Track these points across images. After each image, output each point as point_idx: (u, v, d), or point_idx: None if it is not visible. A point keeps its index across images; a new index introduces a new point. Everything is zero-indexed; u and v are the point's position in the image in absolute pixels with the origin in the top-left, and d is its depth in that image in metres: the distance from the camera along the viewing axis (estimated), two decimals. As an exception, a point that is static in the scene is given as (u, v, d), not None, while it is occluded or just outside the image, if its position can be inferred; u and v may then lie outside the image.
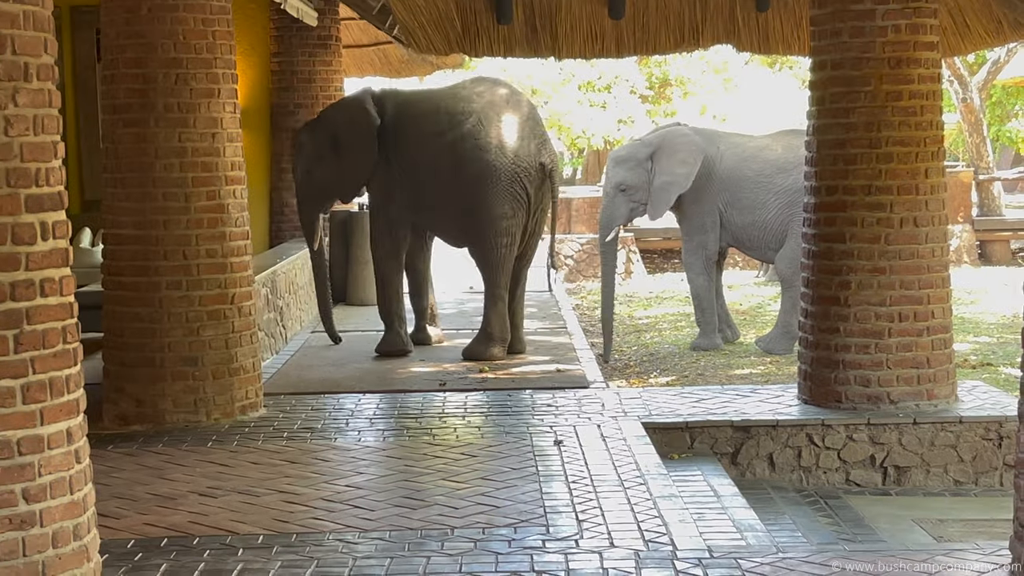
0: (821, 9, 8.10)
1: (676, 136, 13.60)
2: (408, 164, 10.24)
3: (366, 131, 10.23)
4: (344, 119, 10.40)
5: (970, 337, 14.23)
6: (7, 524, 4.11)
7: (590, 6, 10.03)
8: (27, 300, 4.17)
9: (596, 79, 35.05)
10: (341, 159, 10.37)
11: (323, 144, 10.42)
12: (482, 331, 10.29)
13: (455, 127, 10.14)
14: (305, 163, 10.54)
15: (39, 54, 4.24)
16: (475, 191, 10.04)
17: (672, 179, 13.28)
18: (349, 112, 10.42)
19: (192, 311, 7.80)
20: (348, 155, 10.33)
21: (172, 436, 7.61)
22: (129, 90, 7.75)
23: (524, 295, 10.69)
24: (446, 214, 10.35)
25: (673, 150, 13.37)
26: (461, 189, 10.10)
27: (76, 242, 11.41)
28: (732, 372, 12.40)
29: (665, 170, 13.33)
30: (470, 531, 5.66)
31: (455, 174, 10.11)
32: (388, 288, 10.44)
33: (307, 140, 10.54)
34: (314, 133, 10.51)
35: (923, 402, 8.02)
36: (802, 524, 6.91)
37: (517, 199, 10.15)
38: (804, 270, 8.38)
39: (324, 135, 10.42)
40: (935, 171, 8.06)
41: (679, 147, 13.36)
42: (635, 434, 7.46)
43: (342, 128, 10.37)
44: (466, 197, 10.08)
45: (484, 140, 10.07)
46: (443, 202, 10.27)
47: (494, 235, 10.13)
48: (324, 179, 10.50)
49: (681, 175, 13.23)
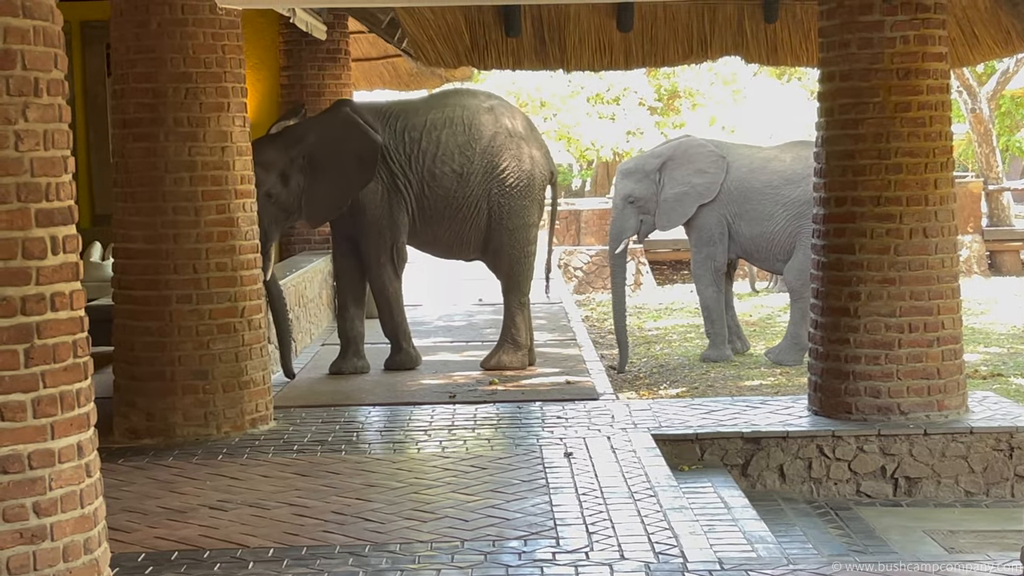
0: (829, 20, 8.11)
1: (691, 146, 13.58)
2: (422, 179, 10.00)
3: (367, 151, 9.69)
4: (331, 138, 9.73)
5: (980, 348, 14.21)
6: (18, 538, 4.12)
7: (598, 19, 10.06)
8: (38, 314, 4.18)
9: (605, 91, 35.06)
10: (322, 180, 9.65)
11: (295, 162, 9.63)
12: (509, 340, 10.27)
13: (480, 138, 10.02)
14: (272, 181, 9.50)
15: (49, 69, 4.26)
16: (510, 200, 10.07)
17: (687, 189, 13.27)
18: (338, 131, 9.76)
19: (202, 324, 7.81)
20: (334, 176, 9.67)
21: (182, 449, 7.62)
22: (139, 104, 7.77)
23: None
24: (466, 226, 10.13)
25: (688, 160, 13.36)
26: (492, 199, 10.02)
27: (86, 256, 11.44)
28: (742, 383, 12.39)
29: (679, 180, 13.32)
30: (480, 544, 5.66)
31: (486, 184, 10.02)
32: (397, 308, 10.23)
33: (276, 158, 9.55)
34: (287, 150, 9.62)
35: (934, 413, 8.01)
36: (813, 536, 6.90)
37: (542, 207, 10.37)
38: (813, 281, 8.38)
39: (298, 151, 9.64)
40: (944, 182, 8.05)
41: (695, 157, 13.34)
42: (645, 446, 7.45)
43: (327, 147, 9.68)
44: (499, 207, 10.06)
45: (517, 150, 10.07)
46: (464, 215, 10.07)
47: (526, 243, 10.22)
48: (291, 200, 9.67)
49: (700, 184, 13.21)
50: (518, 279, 10.29)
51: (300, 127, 9.95)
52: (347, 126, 9.77)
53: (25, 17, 4.16)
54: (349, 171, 9.70)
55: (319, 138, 9.72)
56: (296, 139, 9.72)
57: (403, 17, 9.97)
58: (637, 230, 13.90)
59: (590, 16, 10.05)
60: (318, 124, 9.94)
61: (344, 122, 9.80)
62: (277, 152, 9.60)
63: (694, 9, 10.06)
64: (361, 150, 9.69)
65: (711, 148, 13.42)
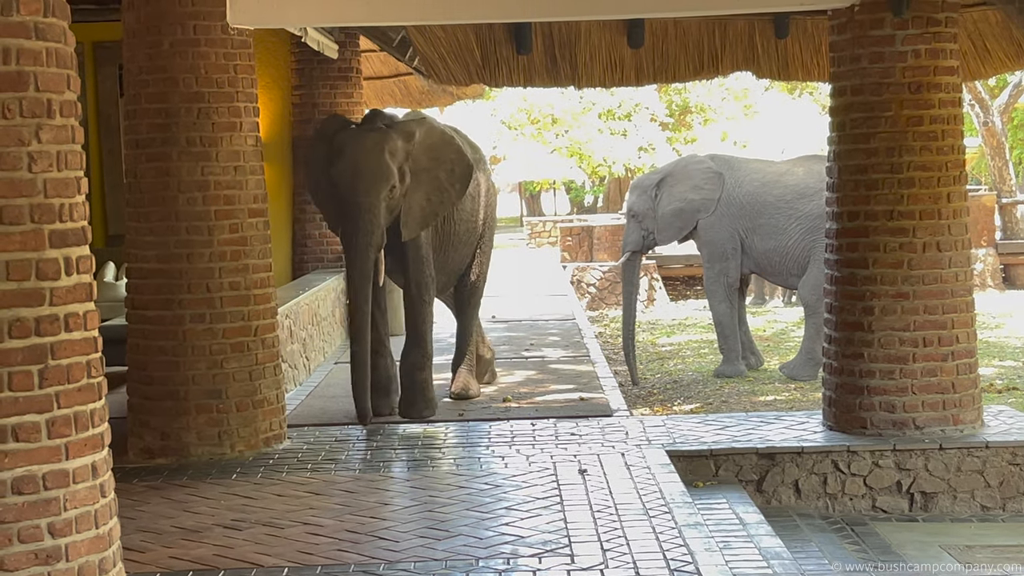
0: (840, 35, 8.11)
1: (689, 164, 13.77)
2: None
3: (462, 169, 8.97)
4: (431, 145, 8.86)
5: (995, 361, 14.16)
6: (33, 559, 4.12)
7: (609, 35, 10.07)
8: (52, 335, 4.19)
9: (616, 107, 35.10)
10: (420, 187, 8.70)
11: (408, 159, 8.62)
12: (477, 360, 10.15)
13: (481, 159, 9.80)
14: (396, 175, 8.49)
15: (62, 90, 4.28)
16: (491, 223, 9.96)
17: (683, 204, 13.40)
18: (436, 139, 8.94)
19: (216, 344, 7.82)
20: (430, 187, 8.79)
21: (196, 469, 7.62)
22: (152, 124, 7.79)
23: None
24: (464, 251, 9.64)
25: (686, 176, 13.51)
26: (482, 222, 9.74)
27: (100, 276, 11.46)
28: (756, 399, 12.36)
29: (676, 196, 13.47)
30: (495, 561, 5.65)
31: (486, 207, 9.77)
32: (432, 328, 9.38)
33: (402, 148, 8.55)
34: (407, 141, 8.62)
35: (949, 427, 7.98)
36: (828, 551, 6.87)
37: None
38: (827, 296, 8.36)
39: (409, 149, 8.65)
40: (957, 195, 8.04)
41: (692, 173, 13.49)
42: (659, 462, 7.43)
43: (428, 154, 8.83)
44: (487, 229, 9.89)
45: (488, 171, 9.98)
46: (473, 238, 9.67)
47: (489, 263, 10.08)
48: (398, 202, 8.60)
49: (696, 200, 13.31)
50: (480, 300, 10.17)
51: (408, 123, 8.81)
52: (444, 136, 9.04)
53: (38, 39, 4.19)
54: (443, 186, 8.88)
55: (422, 142, 8.79)
56: (408, 134, 8.66)
57: (414, 35, 9.99)
58: (640, 244, 14.05)
59: (601, 33, 10.06)
60: (420, 125, 8.86)
61: (440, 131, 9.07)
62: (404, 142, 8.58)
63: (705, 25, 10.06)
64: (455, 164, 8.95)
65: (708, 165, 13.51)
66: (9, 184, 4.13)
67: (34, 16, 4.18)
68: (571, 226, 24.77)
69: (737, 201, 13.30)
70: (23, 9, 4.15)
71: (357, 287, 8.40)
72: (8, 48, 4.12)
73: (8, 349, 4.11)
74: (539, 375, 10.91)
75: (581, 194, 43.50)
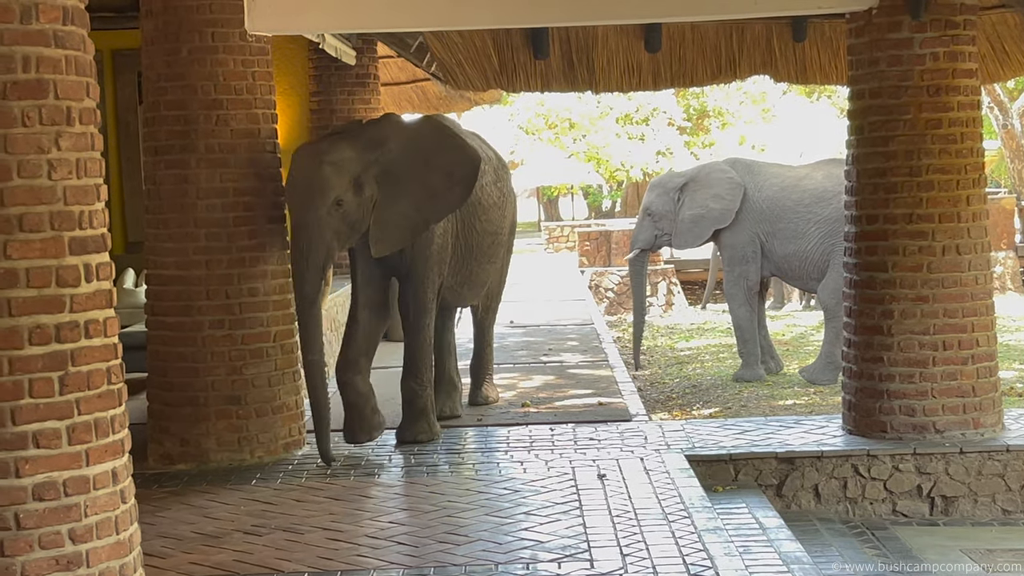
0: (858, 38, 8.09)
1: (713, 171, 13.72)
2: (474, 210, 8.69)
3: (462, 168, 8.12)
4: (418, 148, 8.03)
5: (1016, 365, 14.10)
6: (54, 565, 4.14)
7: (626, 40, 10.06)
8: (72, 342, 4.21)
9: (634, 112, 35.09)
10: (398, 198, 7.89)
11: (371, 168, 7.84)
12: (488, 376, 9.92)
13: (502, 165, 9.36)
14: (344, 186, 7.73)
15: (81, 98, 4.30)
16: (512, 236, 9.55)
17: (704, 212, 13.36)
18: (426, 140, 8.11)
19: (235, 350, 7.84)
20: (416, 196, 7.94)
21: (216, 475, 7.63)
22: (170, 132, 7.82)
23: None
24: (490, 266, 9.15)
25: (708, 184, 13.46)
26: (502, 235, 9.18)
27: (119, 283, 11.49)
28: (776, 403, 12.33)
29: (697, 203, 13.43)
30: (514, 566, 5.65)
31: (511, 215, 9.32)
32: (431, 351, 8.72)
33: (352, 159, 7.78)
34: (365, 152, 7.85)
35: (969, 431, 7.95)
36: (849, 556, 6.86)
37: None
38: (846, 300, 8.35)
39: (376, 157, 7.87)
40: (976, 198, 8.01)
41: (714, 182, 13.44)
42: (678, 467, 7.42)
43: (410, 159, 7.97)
44: (509, 238, 9.48)
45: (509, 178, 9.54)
46: (497, 249, 9.16)
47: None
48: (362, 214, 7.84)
49: (716, 209, 13.29)
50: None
51: (379, 128, 8.06)
52: (439, 136, 8.18)
53: (57, 47, 4.21)
54: (436, 191, 7.99)
55: (402, 147, 7.95)
56: (376, 142, 7.89)
57: (431, 41, 10.00)
58: (651, 243, 14.06)
59: (618, 37, 10.06)
60: (401, 129, 8.11)
61: (435, 130, 8.23)
62: (355, 152, 7.79)
63: (722, 29, 10.05)
64: (453, 166, 8.04)
65: (731, 175, 13.48)
66: (29, 191, 4.15)
67: (53, 24, 4.20)
68: (589, 231, 24.77)
69: (757, 205, 13.28)
70: (43, 17, 4.17)
71: (304, 320, 7.72)
72: (28, 56, 4.15)
73: (29, 356, 4.13)
74: (558, 380, 10.91)
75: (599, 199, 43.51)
